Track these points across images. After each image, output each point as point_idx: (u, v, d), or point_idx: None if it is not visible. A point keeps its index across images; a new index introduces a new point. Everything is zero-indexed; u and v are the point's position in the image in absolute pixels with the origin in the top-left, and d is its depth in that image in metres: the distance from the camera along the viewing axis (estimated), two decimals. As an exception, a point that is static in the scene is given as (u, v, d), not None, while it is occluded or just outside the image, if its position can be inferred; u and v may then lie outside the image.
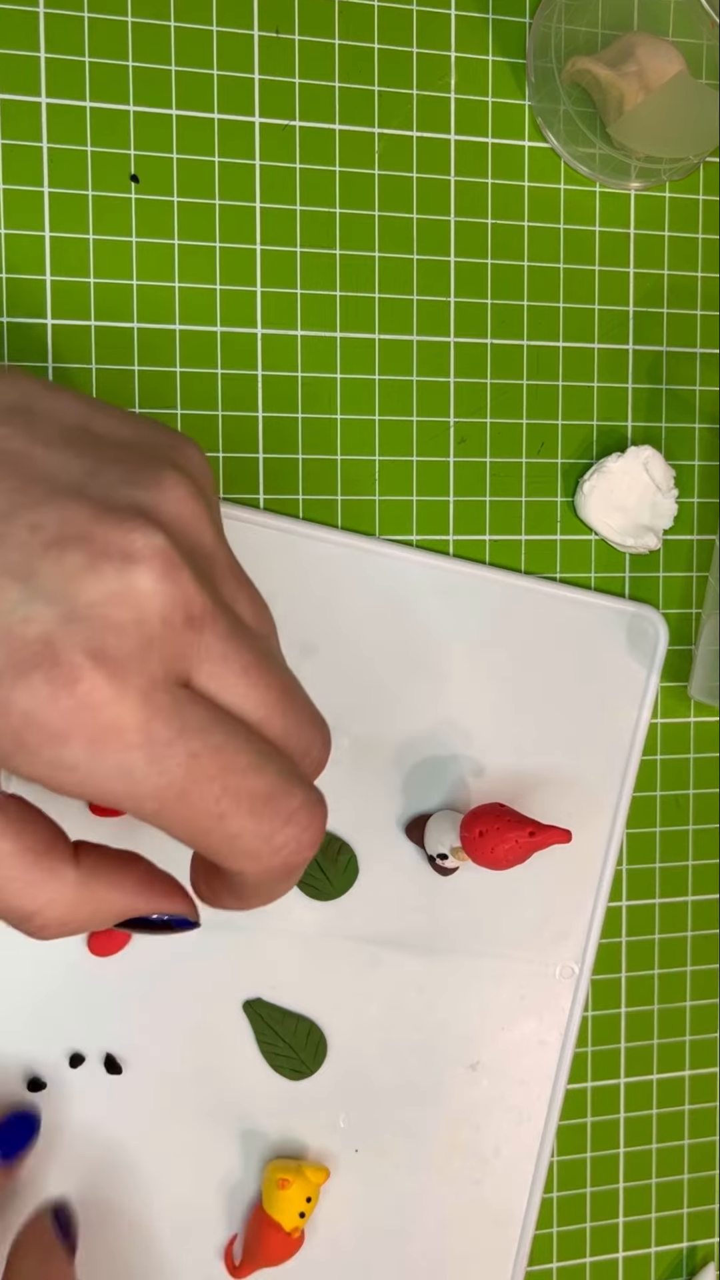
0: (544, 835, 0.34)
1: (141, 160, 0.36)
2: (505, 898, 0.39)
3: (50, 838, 0.24)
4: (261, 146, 0.37)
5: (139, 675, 0.22)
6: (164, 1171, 0.36)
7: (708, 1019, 0.43)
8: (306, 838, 0.24)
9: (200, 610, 0.23)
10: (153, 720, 0.22)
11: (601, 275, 0.41)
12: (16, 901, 0.24)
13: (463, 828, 0.35)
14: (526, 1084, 0.39)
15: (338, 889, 0.37)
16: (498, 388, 0.40)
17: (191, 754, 0.23)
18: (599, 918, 0.40)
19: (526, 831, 0.34)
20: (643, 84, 0.38)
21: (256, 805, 0.23)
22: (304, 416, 0.38)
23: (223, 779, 0.23)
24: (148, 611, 0.22)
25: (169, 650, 0.23)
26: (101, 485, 0.24)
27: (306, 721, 0.25)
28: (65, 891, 0.24)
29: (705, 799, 0.42)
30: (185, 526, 0.24)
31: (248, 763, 0.23)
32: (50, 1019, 0.35)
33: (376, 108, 0.38)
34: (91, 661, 0.22)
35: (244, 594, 0.26)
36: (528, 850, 0.34)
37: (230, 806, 0.23)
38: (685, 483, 0.42)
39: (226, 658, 0.24)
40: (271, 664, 0.24)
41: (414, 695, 0.38)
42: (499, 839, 0.34)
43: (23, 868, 0.24)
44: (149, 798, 0.23)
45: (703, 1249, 0.43)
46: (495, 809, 0.35)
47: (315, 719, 0.26)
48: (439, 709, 0.39)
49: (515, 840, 0.34)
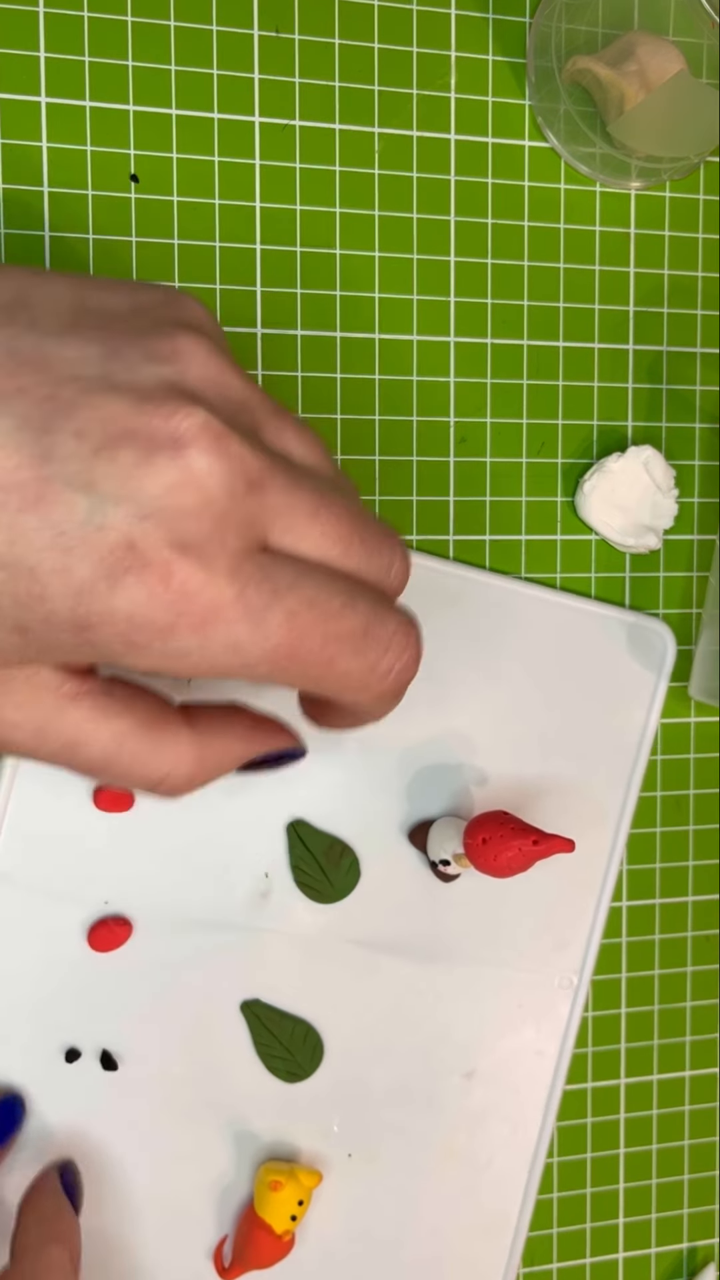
0: (547, 844, 0.34)
1: (141, 160, 0.36)
2: (505, 906, 0.39)
3: (160, 708, 0.26)
4: (261, 146, 0.37)
5: (222, 553, 0.23)
6: (155, 1170, 0.36)
7: (708, 1019, 0.43)
8: (408, 656, 0.26)
9: (258, 471, 0.24)
10: (245, 591, 0.23)
11: (602, 275, 0.41)
12: (145, 771, 0.25)
13: (466, 834, 0.35)
14: (521, 1093, 0.39)
15: (339, 892, 0.37)
16: (498, 387, 0.40)
17: (289, 613, 0.24)
18: (599, 927, 0.40)
19: (530, 840, 0.34)
20: (643, 83, 0.38)
21: (358, 642, 0.25)
22: (304, 417, 0.38)
23: (323, 627, 0.24)
24: (212, 491, 0.23)
25: (241, 520, 0.23)
26: (125, 369, 0.24)
27: (382, 539, 0.26)
28: (186, 753, 0.26)
29: (705, 799, 0.42)
30: (216, 387, 0.25)
31: (341, 605, 0.24)
32: (48, 1013, 0.35)
33: (376, 107, 0.38)
34: (177, 552, 0.23)
35: (289, 430, 0.26)
36: (531, 859, 0.34)
37: (336, 650, 0.24)
38: (685, 483, 0.42)
39: (293, 508, 0.24)
40: (335, 497, 0.25)
41: (419, 700, 0.38)
42: (502, 846, 0.34)
43: (143, 739, 0.25)
44: (261, 663, 0.24)
45: (703, 1250, 0.43)
46: (499, 816, 0.35)
47: (387, 534, 0.27)
48: (444, 715, 0.39)
49: (519, 848, 0.34)
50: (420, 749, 0.38)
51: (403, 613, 0.26)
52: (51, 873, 0.35)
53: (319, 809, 0.38)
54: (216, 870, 0.37)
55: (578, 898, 0.40)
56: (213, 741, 0.27)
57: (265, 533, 0.24)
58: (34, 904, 0.35)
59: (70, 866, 0.35)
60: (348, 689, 0.25)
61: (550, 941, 0.39)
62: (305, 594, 0.24)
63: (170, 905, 0.36)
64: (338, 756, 0.38)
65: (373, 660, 0.25)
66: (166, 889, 0.36)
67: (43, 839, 0.35)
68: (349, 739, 0.38)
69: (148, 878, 0.36)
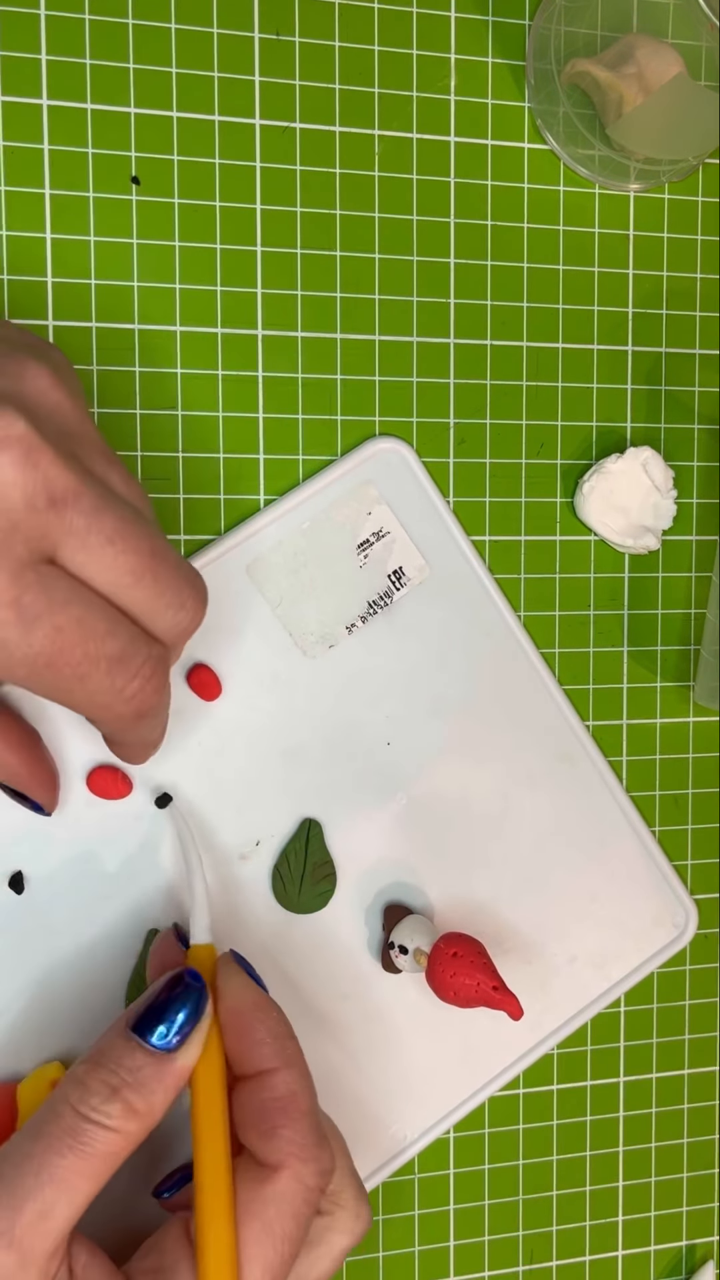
0: (503, 997, 0.34)
1: (142, 162, 0.36)
2: (429, 1032, 0.38)
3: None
4: (262, 148, 0.37)
5: (7, 557, 0.25)
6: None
7: (707, 1017, 0.43)
8: (151, 686, 0.27)
9: (63, 489, 0.25)
10: (22, 597, 0.25)
11: (601, 277, 0.41)
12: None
13: (442, 938, 0.35)
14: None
15: (297, 906, 0.37)
16: (497, 389, 0.40)
17: (56, 627, 0.25)
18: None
19: (491, 984, 0.34)
20: (642, 86, 0.38)
21: (111, 665, 0.26)
22: (304, 418, 0.38)
23: (84, 646, 0.26)
24: (11, 498, 0.25)
25: (34, 531, 0.25)
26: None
27: (179, 579, 0.28)
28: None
29: (705, 799, 0.43)
30: (49, 410, 0.26)
31: (105, 629, 0.26)
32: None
33: (376, 110, 0.38)
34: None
35: (114, 469, 0.28)
36: (481, 999, 0.34)
37: (90, 668, 0.26)
38: (684, 484, 0.42)
39: (91, 530, 0.26)
40: (139, 529, 0.27)
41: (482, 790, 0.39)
42: (467, 972, 0.34)
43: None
44: (20, 665, 0.26)
45: (702, 1247, 0.44)
46: (478, 946, 0.35)
47: (187, 576, 0.28)
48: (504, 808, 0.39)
49: (479, 983, 0.34)
50: (462, 827, 0.39)
51: (157, 646, 0.28)
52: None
53: (337, 825, 0.38)
54: (235, 801, 0.37)
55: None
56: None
57: (57, 547, 0.26)
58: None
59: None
60: (93, 706, 0.27)
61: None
62: (75, 613, 0.26)
63: (176, 797, 0.36)
64: (389, 802, 0.38)
65: (120, 684, 0.27)
66: (189, 782, 0.36)
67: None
68: (401, 790, 0.38)
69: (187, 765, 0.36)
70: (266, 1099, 0.29)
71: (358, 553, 0.38)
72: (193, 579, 0.28)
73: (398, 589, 0.38)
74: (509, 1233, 0.41)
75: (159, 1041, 0.28)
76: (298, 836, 0.37)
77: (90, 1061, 0.28)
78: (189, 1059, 0.28)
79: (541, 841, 0.40)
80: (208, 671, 0.36)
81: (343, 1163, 0.31)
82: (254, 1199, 0.28)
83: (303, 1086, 0.29)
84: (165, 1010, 0.29)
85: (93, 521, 0.26)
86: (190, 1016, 0.29)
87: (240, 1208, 0.28)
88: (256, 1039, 0.29)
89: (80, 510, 0.25)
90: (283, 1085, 0.29)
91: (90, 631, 0.26)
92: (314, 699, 0.37)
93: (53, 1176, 0.26)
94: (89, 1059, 0.28)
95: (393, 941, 0.36)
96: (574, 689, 0.41)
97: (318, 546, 0.37)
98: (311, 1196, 0.28)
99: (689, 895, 0.42)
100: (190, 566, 0.28)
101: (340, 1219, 0.31)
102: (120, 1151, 0.27)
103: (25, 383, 0.26)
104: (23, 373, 0.26)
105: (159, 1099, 0.28)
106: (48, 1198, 0.26)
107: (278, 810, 0.37)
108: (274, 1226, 0.27)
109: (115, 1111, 0.27)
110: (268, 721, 0.37)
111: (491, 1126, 0.41)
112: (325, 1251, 0.30)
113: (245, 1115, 0.29)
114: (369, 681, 0.38)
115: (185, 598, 0.28)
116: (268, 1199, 0.28)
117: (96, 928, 0.35)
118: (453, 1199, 0.40)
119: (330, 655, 0.38)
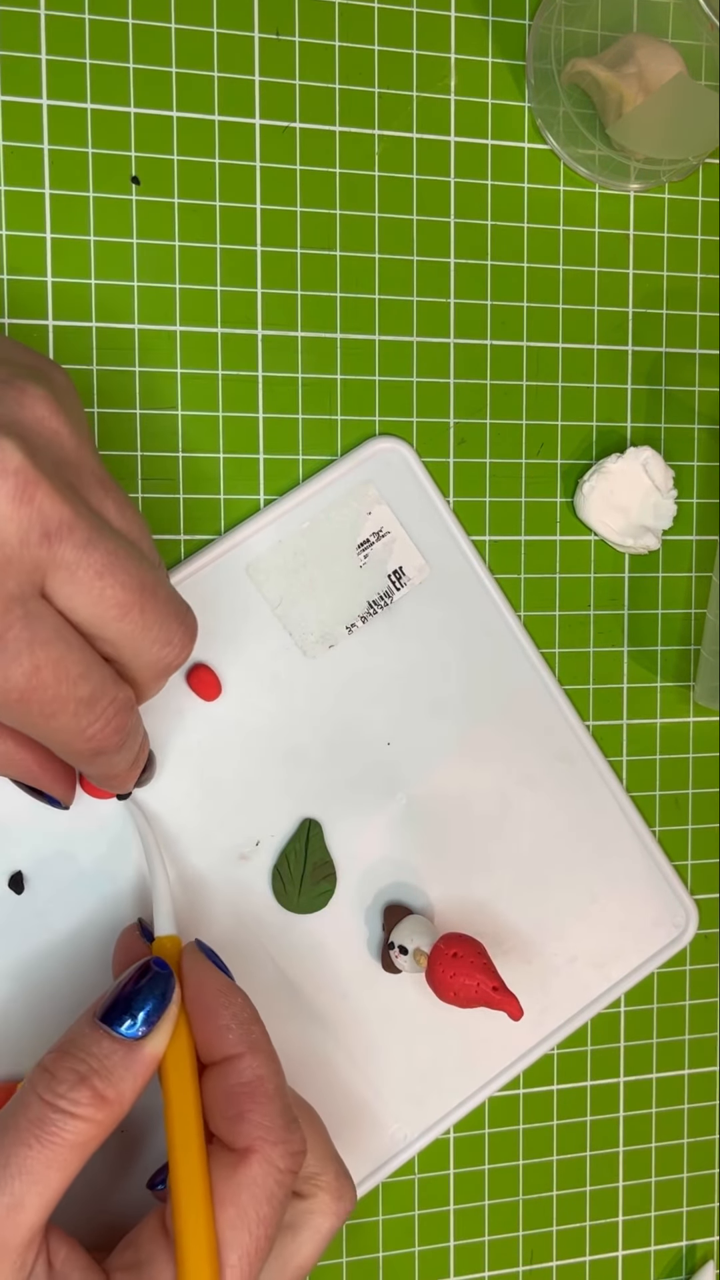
0: (503, 998, 0.34)
1: (142, 162, 0.36)
2: (429, 1032, 0.38)
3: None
4: (262, 148, 0.37)
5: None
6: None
7: (707, 1017, 0.43)
8: (111, 727, 0.28)
9: (58, 524, 0.25)
10: (7, 633, 0.25)
11: (601, 276, 0.41)
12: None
13: (442, 939, 0.35)
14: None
15: (296, 906, 0.37)
16: (497, 389, 0.40)
17: (35, 666, 0.25)
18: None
19: (491, 985, 0.34)
20: (642, 85, 0.38)
21: (79, 707, 0.27)
22: (304, 418, 0.38)
23: (57, 688, 0.26)
24: (6, 533, 0.25)
25: (26, 566, 0.25)
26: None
27: (168, 615, 0.28)
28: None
29: (705, 799, 0.43)
30: (47, 438, 0.26)
31: (79, 673, 0.26)
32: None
33: (376, 109, 0.38)
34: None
35: (111, 499, 0.28)
36: (481, 1000, 0.34)
37: (59, 708, 0.26)
38: (685, 483, 0.42)
39: (82, 564, 0.26)
40: (129, 564, 0.27)
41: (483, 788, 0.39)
42: (468, 972, 0.34)
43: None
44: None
45: (702, 1248, 0.44)
46: (478, 946, 0.35)
47: (177, 612, 0.28)
48: (503, 810, 0.39)
49: (478, 984, 0.34)
50: (464, 828, 0.39)
51: (124, 690, 0.28)
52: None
53: (337, 825, 0.38)
54: (235, 801, 0.37)
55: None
56: (6, 746, 0.30)
57: (47, 581, 0.26)
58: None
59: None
60: (52, 741, 0.28)
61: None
62: (55, 653, 0.26)
63: (168, 800, 0.36)
64: (389, 802, 0.38)
65: (84, 725, 0.27)
66: (189, 782, 0.36)
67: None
68: (400, 789, 0.38)
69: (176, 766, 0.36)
70: (233, 1084, 0.29)
71: (358, 553, 0.38)
72: (183, 615, 0.28)
73: (398, 589, 0.38)
74: (509, 1233, 0.41)
75: (127, 1030, 0.28)
76: (297, 836, 0.37)
77: (58, 1050, 0.28)
78: (157, 1046, 0.29)
79: (541, 842, 0.40)
80: (208, 671, 0.36)
81: (321, 1145, 0.31)
82: (226, 1185, 0.28)
83: (269, 1070, 0.29)
84: (133, 999, 0.29)
85: (83, 555, 0.26)
86: (158, 1005, 0.29)
87: (214, 1195, 0.28)
88: (221, 1025, 0.29)
89: (73, 543, 0.25)
90: (249, 1070, 0.29)
91: (65, 674, 0.26)
92: (314, 699, 0.37)
93: (21, 1168, 0.26)
94: (56, 1048, 0.28)
95: (393, 942, 0.36)
96: (574, 689, 0.41)
97: (318, 546, 0.37)
98: (284, 1179, 0.28)
99: (689, 895, 0.42)
100: (182, 601, 0.29)
101: (322, 1201, 0.31)
102: (89, 1141, 0.27)
103: (24, 410, 0.26)
104: (22, 399, 0.26)
105: (128, 1086, 0.28)
106: (17, 1190, 0.26)
107: (278, 810, 0.37)
108: (248, 1211, 0.27)
109: (83, 1099, 0.27)
110: (267, 721, 0.37)
111: (491, 1127, 0.41)
112: (310, 1236, 0.30)
113: (213, 1102, 0.29)
114: (369, 681, 0.38)
115: (173, 634, 0.28)
116: (240, 1184, 0.28)
117: (96, 928, 0.35)
118: (453, 1199, 0.40)
119: (330, 655, 0.38)
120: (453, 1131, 0.40)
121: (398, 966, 0.37)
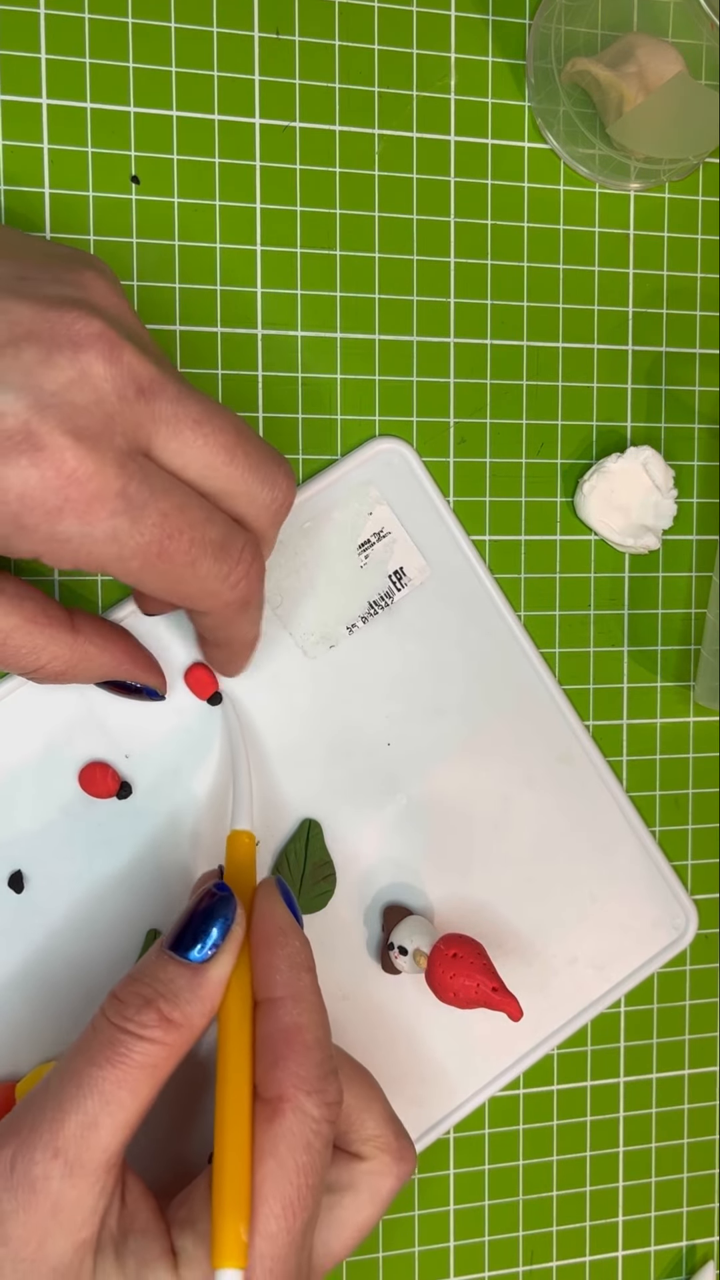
0: (503, 999, 0.33)
1: (142, 161, 0.36)
2: (429, 1032, 0.38)
3: (46, 608, 0.29)
4: (262, 147, 0.37)
5: (110, 448, 0.25)
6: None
7: (707, 1017, 0.43)
8: (253, 571, 0.29)
9: (148, 380, 0.26)
10: (129, 486, 0.26)
11: (601, 276, 0.41)
12: (24, 662, 0.29)
13: (441, 939, 0.35)
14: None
15: (300, 907, 0.37)
16: (498, 388, 0.40)
17: (163, 513, 0.26)
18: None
19: (491, 986, 0.34)
20: (642, 85, 0.38)
21: (217, 550, 0.28)
22: (304, 417, 0.38)
23: (190, 532, 0.27)
24: (104, 390, 0.25)
25: (129, 422, 0.26)
26: (33, 286, 0.26)
27: (267, 456, 0.29)
28: (62, 653, 0.30)
29: (705, 799, 0.43)
30: (116, 313, 0.27)
31: (204, 516, 0.27)
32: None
33: (376, 109, 0.38)
34: (71, 440, 0.25)
35: (174, 372, 0.28)
36: (480, 1000, 0.34)
37: (199, 553, 0.27)
38: (685, 483, 0.42)
39: (180, 418, 0.27)
40: (222, 411, 0.28)
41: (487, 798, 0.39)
42: (467, 973, 0.34)
43: (26, 635, 0.29)
44: (134, 556, 0.26)
45: (702, 1248, 0.44)
46: (478, 947, 0.35)
47: (273, 455, 0.29)
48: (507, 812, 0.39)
49: (478, 985, 0.34)
50: (465, 832, 0.39)
51: (250, 533, 0.29)
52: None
53: (337, 825, 0.38)
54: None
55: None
56: (89, 650, 0.30)
57: (150, 439, 0.27)
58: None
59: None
60: (204, 594, 0.28)
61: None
62: (177, 500, 0.26)
63: (173, 795, 0.36)
64: (389, 802, 0.38)
65: (227, 569, 0.28)
66: (189, 781, 0.36)
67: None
68: (400, 790, 0.38)
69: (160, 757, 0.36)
70: (271, 1029, 0.28)
71: (358, 553, 0.38)
72: (279, 458, 0.29)
73: (398, 589, 0.38)
74: (509, 1233, 0.41)
75: (193, 955, 0.28)
76: (297, 837, 0.37)
77: (127, 978, 0.28)
78: (222, 969, 0.29)
79: (541, 842, 0.40)
80: (206, 671, 0.36)
81: (379, 1107, 0.31)
82: (264, 1138, 0.27)
83: (310, 1020, 0.29)
84: (196, 924, 0.29)
85: (179, 408, 0.27)
86: (221, 928, 0.29)
87: (254, 1146, 0.27)
88: (272, 963, 0.29)
89: (167, 398, 0.26)
90: (287, 1016, 0.29)
91: (193, 518, 0.27)
92: (314, 699, 0.37)
93: (93, 1088, 0.26)
94: (126, 977, 0.28)
95: (392, 942, 0.36)
96: (574, 689, 0.41)
97: (318, 546, 0.37)
98: (320, 1128, 0.28)
99: (689, 896, 0.42)
100: (271, 447, 0.29)
101: (382, 1162, 0.31)
102: (159, 1065, 0.27)
103: (89, 290, 0.27)
104: (83, 281, 0.27)
105: (194, 1010, 0.28)
106: (89, 1109, 0.26)
107: (277, 810, 0.37)
108: (286, 1161, 0.27)
109: (150, 1020, 0.27)
110: (268, 721, 0.37)
111: (491, 1127, 0.41)
112: (370, 1197, 0.30)
113: (254, 1047, 0.29)
114: (369, 682, 0.38)
115: (277, 475, 0.29)
116: (278, 1135, 0.27)
117: (96, 927, 0.35)
118: (453, 1199, 0.40)
119: (330, 655, 0.38)
120: (453, 1132, 0.40)
121: (397, 967, 0.37)
